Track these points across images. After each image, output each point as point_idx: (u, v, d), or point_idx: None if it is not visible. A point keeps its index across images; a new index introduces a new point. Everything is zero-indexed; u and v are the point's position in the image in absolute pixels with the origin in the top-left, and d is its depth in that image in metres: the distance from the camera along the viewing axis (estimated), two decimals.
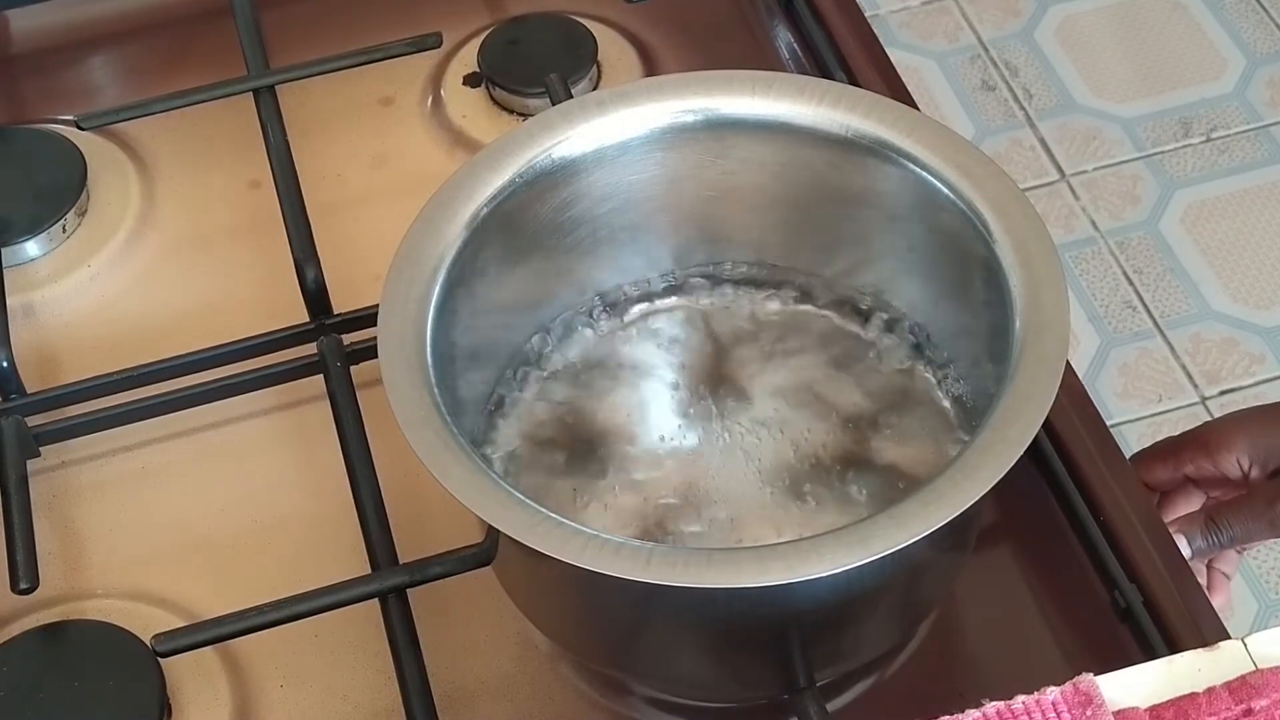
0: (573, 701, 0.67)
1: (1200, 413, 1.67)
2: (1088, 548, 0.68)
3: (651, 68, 0.89)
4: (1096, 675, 0.54)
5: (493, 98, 0.88)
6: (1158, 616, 0.65)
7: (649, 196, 0.70)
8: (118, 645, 0.67)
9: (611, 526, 0.65)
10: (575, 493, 0.66)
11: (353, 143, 0.88)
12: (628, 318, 0.72)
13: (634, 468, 0.67)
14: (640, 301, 0.72)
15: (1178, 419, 1.66)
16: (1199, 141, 1.89)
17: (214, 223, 0.85)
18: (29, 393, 0.76)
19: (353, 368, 0.74)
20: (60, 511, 0.74)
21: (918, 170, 0.65)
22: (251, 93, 0.85)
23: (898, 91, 0.84)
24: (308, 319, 0.77)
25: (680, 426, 0.68)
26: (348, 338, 0.76)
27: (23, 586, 0.68)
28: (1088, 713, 0.53)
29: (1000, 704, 0.54)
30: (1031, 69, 1.97)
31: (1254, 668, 0.54)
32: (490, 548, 0.64)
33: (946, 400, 0.68)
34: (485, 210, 0.65)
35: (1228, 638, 0.58)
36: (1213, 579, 0.81)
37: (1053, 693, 0.54)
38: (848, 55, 0.86)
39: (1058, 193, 1.85)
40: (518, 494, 0.57)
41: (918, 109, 0.68)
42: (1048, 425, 0.70)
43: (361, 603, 0.66)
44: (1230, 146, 1.88)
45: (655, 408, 0.69)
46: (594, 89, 0.87)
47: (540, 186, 0.67)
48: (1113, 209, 1.84)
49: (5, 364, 0.75)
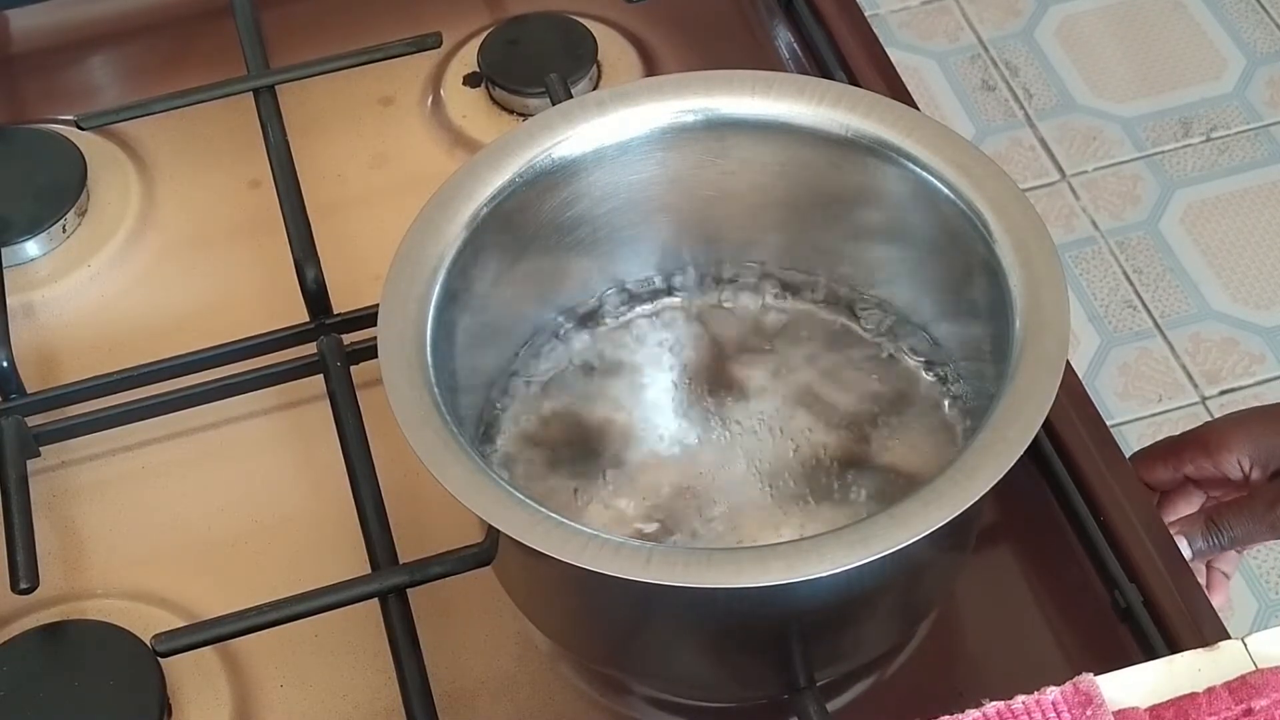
0: (573, 701, 0.67)
1: (1200, 413, 1.67)
2: (1088, 548, 0.68)
3: (651, 68, 0.89)
4: (1096, 675, 0.54)
5: (493, 98, 0.88)
6: (1158, 616, 0.65)
7: (649, 196, 0.69)
8: (118, 645, 0.67)
9: (611, 526, 0.65)
10: (575, 493, 0.66)
11: (353, 143, 0.88)
12: (628, 317, 0.72)
13: (634, 468, 0.67)
14: (640, 301, 0.72)
15: (1178, 419, 1.66)
16: (1199, 141, 1.89)
17: (214, 223, 0.85)
18: (29, 393, 0.76)
19: (353, 368, 0.74)
20: (60, 511, 0.74)
21: (918, 170, 0.65)
22: (251, 93, 0.85)
23: (898, 91, 0.84)
24: (308, 319, 0.77)
25: (680, 426, 0.68)
26: (348, 338, 0.76)
27: (23, 586, 0.68)
28: (1088, 713, 0.53)
29: (1000, 704, 0.54)
30: (1031, 69, 1.97)
31: (1254, 668, 0.54)
32: (490, 548, 0.64)
33: (946, 400, 0.68)
34: (485, 210, 0.65)
35: (1228, 638, 0.58)
36: (1212, 579, 0.81)
37: (1053, 693, 0.54)
38: (848, 55, 0.86)
39: (1058, 193, 1.85)
40: (518, 494, 0.57)
41: (918, 109, 0.68)
42: (1048, 425, 0.70)
43: (361, 603, 0.66)
44: (1230, 146, 1.88)
45: (655, 408, 0.69)
46: (594, 89, 0.87)
47: (540, 186, 0.67)
48: (1113, 209, 1.84)
49: (5, 364, 0.75)
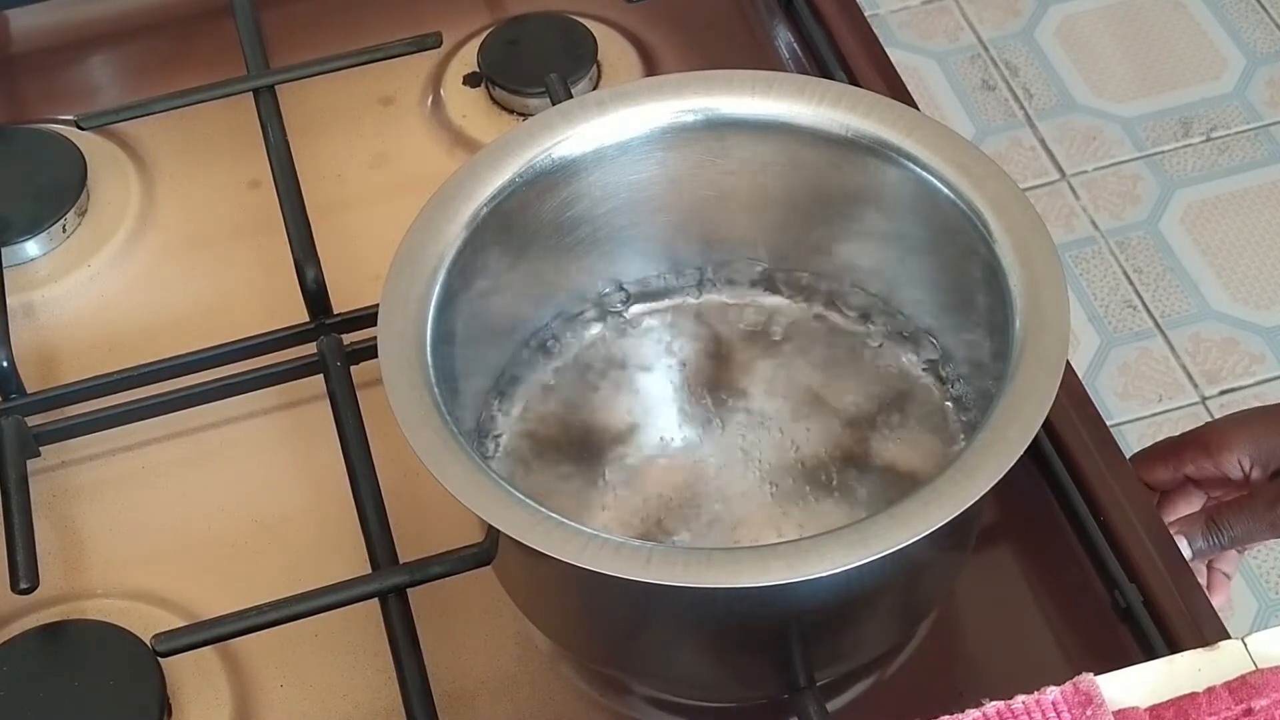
0: (573, 701, 0.67)
1: (1200, 413, 1.67)
2: (1088, 548, 0.68)
3: (651, 68, 0.89)
4: (1096, 675, 0.54)
5: (493, 97, 0.88)
6: (1158, 616, 0.65)
7: (649, 196, 0.70)
8: (118, 645, 0.67)
9: (611, 526, 0.65)
10: (575, 493, 0.66)
11: (353, 142, 0.88)
12: (628, 317, 0.72)
13: (634, 467, 0.67)
14: (640, 301, 0.72)
15: (1178, 419, 1.66)
16: (1199, 141, 1.89)
17: (214, 223, 0.85)
18: (29, 393, 0.76)
19: (353, 368, 0.74)
20: (60, 511, 0.74)
21: (918, 170, 0.65)
22: (251, 92, 0.85)
23: (898, 91, 0.84)
24: (308, 319, 0.77)
25: (680, 426, 0.68)
26: (348, 338, 0.76)
27: (23, 586, 0.68)
28: (1088, 712, 0.53)
29: (1000, 704, 0.54)
30: (1031, 69, 1.97)
31: (1254, 668, 0.54)
32: (490, 548, 0.64)
33: (946, 400, 0.68)
34: (485, 210, 0.65)
35: (1228, 638, 0.58)
36: (1213, 579, 0.81)
37: (1053, 692, 0.54)
38: (848, 55, 0.86)
39: (1058, 193, 1.85)
40: (518, 494, 0.57)
41: (918, 109, 0.68)
42: (1048, 425, 0.70)
43: (361, 603, 0.66)
44: (1230, 146, 1.88)
45: (655, 407, 0.69)
46: (594, 89, 0.87)
47: (540, 186, 0.67)
48: (1113, 209, 1.84)
49: (5, 364, 0.75)
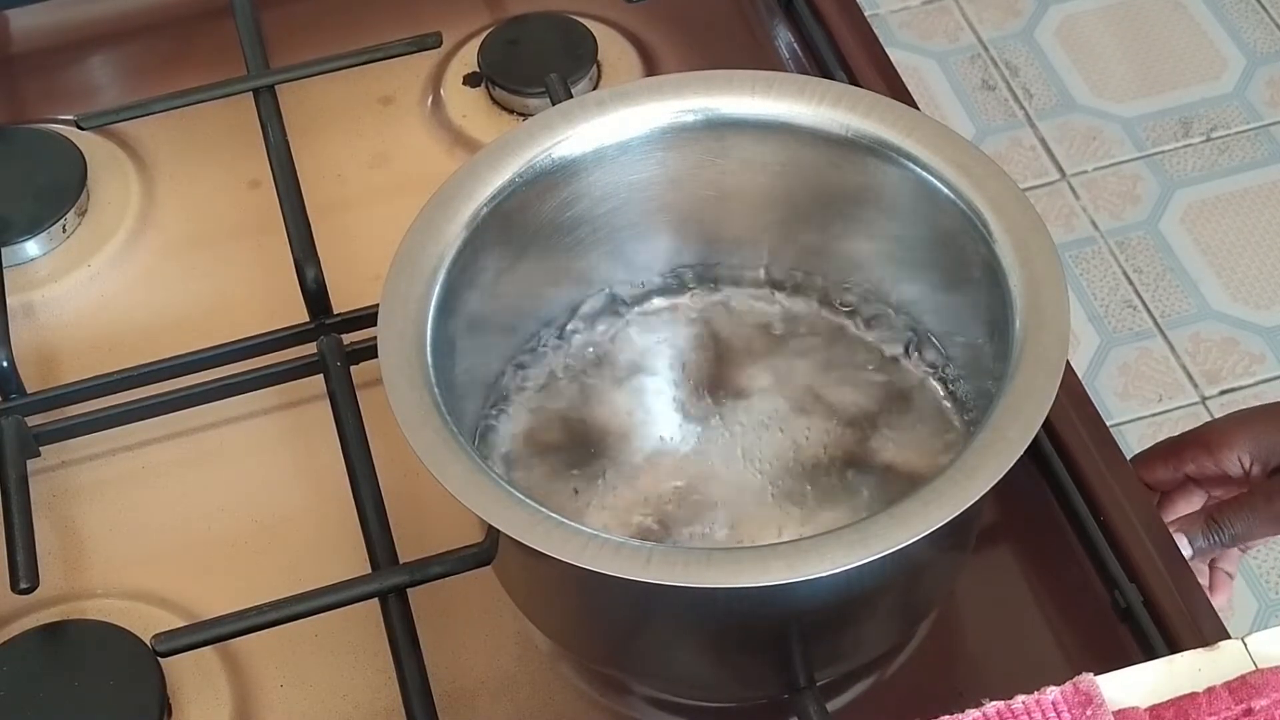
0: (573, 701, 0.67)
1: (1200, 413, 1.67)
2: (1088, 548, 0.68)
3: (651, 68, 0.89)
4: (1096, 675, 0.54)
5: (493, 97, 0.88)
6: (1158, 616, 0.65)
7: (649, 196, 0.69)
8: (118, 645, 0.67)
9: (611, 526, 0.65)
10: (575, 493, 0.66)
11: (352, 142, 0.88)
12: (628, 317, 0.72)
13: (634, 467, 0.67)
14: (640, 301, 0.72)
15: (1178, 419, 1.66)
16: (1199, 141, 1.89)
17: (214, 223, 0.85)
18: (29, 393, 0.76)
19: (353, 368, 0.74)
20: (60, 511, 0.74)
21: (918, 170, 0.65)
22: (251, 92, 0.85)
23: (898, 91, 0.84)
24: (308, 319, 0.77)
25: (680, 426, 0.68)
26: (348, 338, 0.76)
27: (23, 586, 0.68)
28: (1088, 712, 0.53)
29: (1000, 704, 0.54)
30: (1031, 69, 1.97)
31: (1254, 668, 0.54)
32: (490, 548, 0.64)
33: (946, 400, 0.68)
34: (485, 210, 0.65)
35: (1228, 637, 0.58)
36: (1215, 578, 0.81)
37: (1053, 692, 0.54)
38: (848, 55, 0.86)
39: (1058, 193, 1.85)
40: (518, 494, 0.57)
41: (918, 109, 0.68)
42: (1048, 425, 0.70)
43: (361, 603, 0.66)
44: (1230, 146, 1.88)
45: (655, 408, 0.69)
46: (594, 89, 0.87)
47: (540, 186, 0.67)
48: (1113, 209, 1.84)
49: (5, 364, 0.75)
